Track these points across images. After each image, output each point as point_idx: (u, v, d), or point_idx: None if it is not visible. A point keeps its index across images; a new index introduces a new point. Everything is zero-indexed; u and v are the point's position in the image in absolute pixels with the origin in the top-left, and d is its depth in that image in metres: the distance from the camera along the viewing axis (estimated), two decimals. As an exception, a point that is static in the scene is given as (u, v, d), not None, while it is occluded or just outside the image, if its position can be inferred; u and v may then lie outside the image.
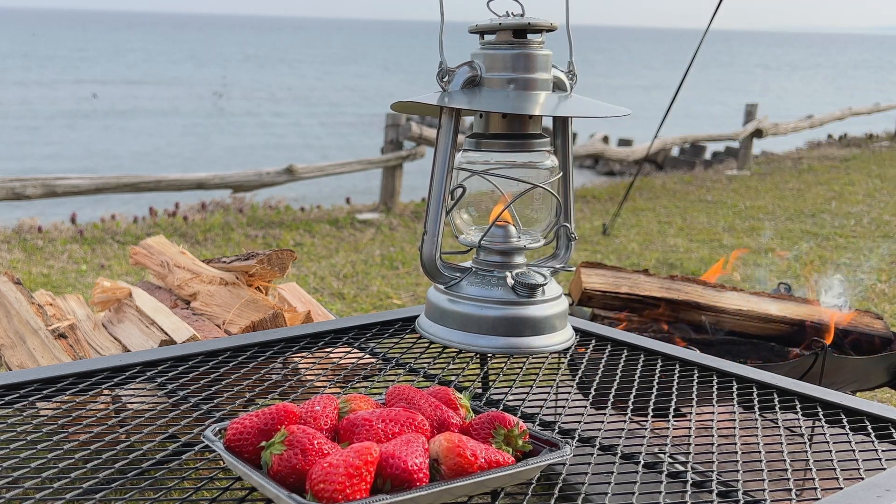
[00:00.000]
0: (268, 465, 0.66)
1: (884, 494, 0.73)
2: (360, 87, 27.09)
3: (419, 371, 1.05)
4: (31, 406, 0.93)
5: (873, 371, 2.21)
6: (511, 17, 0.97)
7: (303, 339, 1.13)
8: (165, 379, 1.00)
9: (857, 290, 4.44)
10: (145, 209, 6.07)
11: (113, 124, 15.87)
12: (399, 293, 4.31)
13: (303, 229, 5.69)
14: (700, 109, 19.76)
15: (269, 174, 5.92)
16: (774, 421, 0.94)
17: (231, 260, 2.34)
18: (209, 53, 46.90)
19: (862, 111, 11.23)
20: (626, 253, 5.05)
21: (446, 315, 1.02)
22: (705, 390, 1.02)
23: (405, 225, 5.96)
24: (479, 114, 1.02)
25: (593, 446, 0.87)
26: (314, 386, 1.01)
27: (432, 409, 0.75)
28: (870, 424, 0.93)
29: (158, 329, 2.04)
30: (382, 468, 0.65)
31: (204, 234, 5.40)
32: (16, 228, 5.43)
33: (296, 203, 6.63)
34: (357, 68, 37.66)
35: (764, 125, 8.98)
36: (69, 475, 0.74)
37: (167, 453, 0.83)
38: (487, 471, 0.68)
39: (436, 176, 0.98)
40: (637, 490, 0.75)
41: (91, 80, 25.81)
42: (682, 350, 1.15)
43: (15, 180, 5.04)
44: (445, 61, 0.96)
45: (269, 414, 0.70)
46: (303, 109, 19.90)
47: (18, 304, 2.24)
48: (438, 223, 0.98)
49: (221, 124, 16.58)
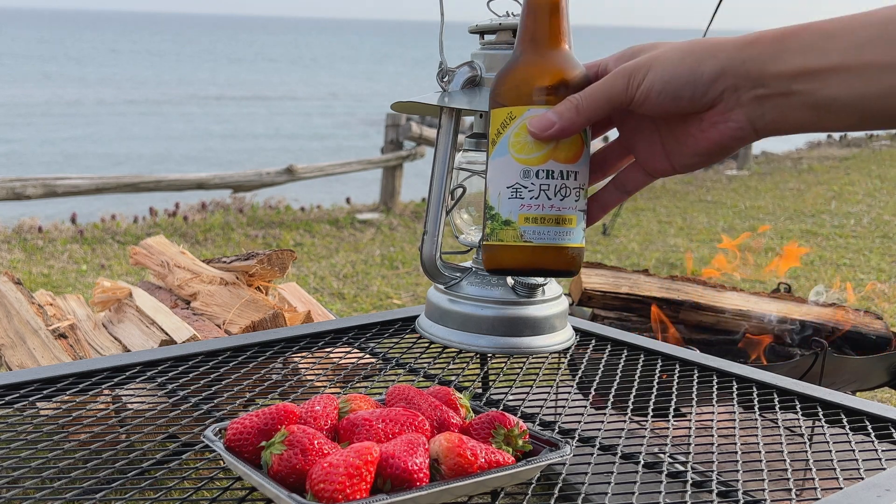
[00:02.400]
0: (268, 465, 0.66)
1: (884, 494, 0.74)
2: (359, 86, 27.08)
3: (419, 371, 1.05)
4: (31, 406, 0.93)
5: (873, 371, 2.21)
6: (511, 17, 0.97)
7: (303, 339, 1.13)
8: (165, 379, 1.00)
9: (857, 289, 4.44)
10: (145, 209, 6.07)
11: (113, 124, 15.87)
12: (399, 293, 4.31)
13: (303, 229, 5.69)
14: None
15: (269, 174, 5.92)
16: (774, 421, 0.94)
17: (231, 260, 2.34)
18: (209, 53, 46.91)
19: (862, 111, 11.21)
20: (626, 253, 5.05)
21: (446, 315, 1.02)
22: (705, 390, 1.02)
23: (405, 225, 5.97)
24: (479, 114, 1.02)
25: (593, 446, 0.87)
26: (314, 386, 1.02)
27: (432, 409, 0.75)
28: (870, 424, 0.93)
29: (158, 329, 2.04)
30: (382, 468, 0.65)
31: (204, 234, 5.40)
32: (16, 228, 5.43)
33: (296, 203, 6.63)
34: (357, 68, 37.66)
35: (764, 125, 8.97)
36: (69, 475, 0.74)
37: (167, 453, 0.83)
38: (487, 471, 0.68)
39: (436, 176, 0.98)
40: (637, 490, 0.75)
41: (95, 80, 25.81)
42: (682, 350, 1.15)
43: (15, 180, 5.05)
44: (445, 61, 0.96)
45: (269, 414, 0.70)
46: (303, 109, 19.90)
47: (19, 304, 2.24)
48: (438, 223, 0.98)
49: (221, 124, 16.58)
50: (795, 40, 0.60)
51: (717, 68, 0.63)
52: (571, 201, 0.73)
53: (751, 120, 0.64)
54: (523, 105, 0.72)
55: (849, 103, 0.59)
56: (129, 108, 18.78)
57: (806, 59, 0.60)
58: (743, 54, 0.62)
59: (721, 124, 0.65)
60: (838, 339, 2.26)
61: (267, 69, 34.97)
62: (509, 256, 0.73)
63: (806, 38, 0.60)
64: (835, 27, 0.60)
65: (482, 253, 0.77)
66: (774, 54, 0.61)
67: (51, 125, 15.36)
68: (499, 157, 0.73)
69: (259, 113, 18.93)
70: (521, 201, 0.72)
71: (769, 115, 0.63)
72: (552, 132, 0.69)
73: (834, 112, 0.60)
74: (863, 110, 0.59)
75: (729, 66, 0.62)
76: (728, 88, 0.63)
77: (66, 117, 16.60)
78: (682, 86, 0.64)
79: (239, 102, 21.11)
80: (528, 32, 0.74)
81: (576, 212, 0.73)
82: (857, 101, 0.59)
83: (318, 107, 20.64)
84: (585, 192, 0.74)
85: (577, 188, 0.73)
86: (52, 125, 15.35)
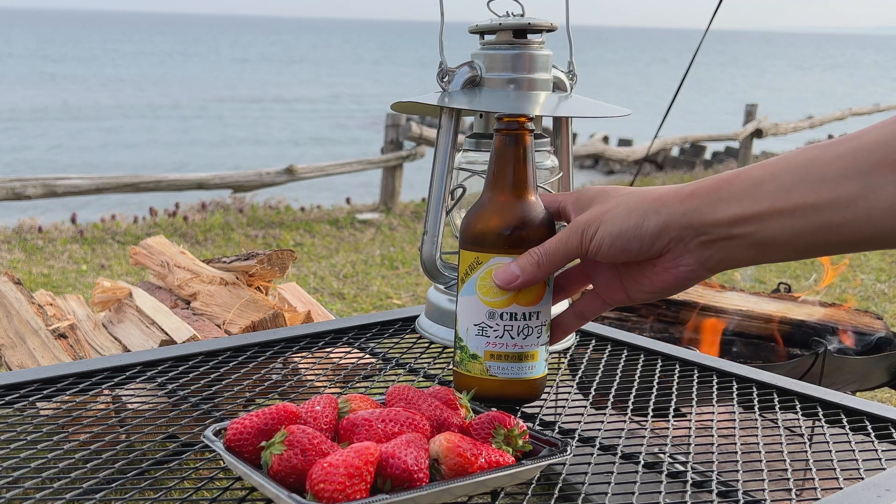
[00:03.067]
0: (268, 465, 0.66)
1: (884, 494, 0.73)
2: (359, 86, 27.08)
3: (419, 371, 1.05)
4: (31, 406, 0.93)
5: (873, 371, 2.21)
6: (511, 18, 0.97)
7: (303, 339, 1.13)
8: (165, 379, 1.00)
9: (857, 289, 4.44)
10: (145, 209, 6.07)
11: (114, 124, 15.86)
12: (399, 293, 4.31)
13: (303, 229, 5.69)
14: (700, 109, 19.75)
15: (269, 174, 5.92)
16: (774, 421, 0.94)
17: (231, 260, 2.34)
18: (209, 54, 46.88)
19: (862, 111, 11.23)
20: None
21: (446, 315, 1.02)
22: (705, 390, 1.02)
23: (405, 225, 5.97)
24: (479, 114, 1.02)
25: (593, 446, 0.87)
26: (314, 386, 1.01)
27: (432, 409, 0.75)
28: (870, 424, 0.93)
29: (158, 329, 2.04)
30: (382, 468, 0.65)
31: (204, 234, 5.40)
32: (16, 228, 5.43)
33: (296, 203, 6.62)
34: (357, 68, 37.65)
35: (764, 125, 8.98)
36: (69, 475, 0.74)
37: (167, 453, 0.83)
38: (487, 471, 0.68)
39: (436, 176, 0.98)
40: (637, 490, 0.75)
41: (98, 79, 25.80)
42: (682, 350, 1.15)
43: (15, 180, 5.05)
44: (445, 61, 0.96)
45: (269, 414, 0.70)
46: (303, 109, 19.89)
47: (19, 304, 2.24)
48: (438, 223, 0.98)
49: (221, 124, 16.57)
50: (728, 190, 0.66)
51: (661, 223, 0.68)
52: (534, 339, 0.80)
53: (700, 262, 0.69)
54: (488, 253, 0.79)
55: (788, 241, 0.63)
56: (129, 107, 18.77)
57: (741, 206, 0.65)
58: (683, 207, 0.67)
59: (673, 269, 0.70)
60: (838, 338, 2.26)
61: (267, 69, 34.96)
62: (477, 386, 0.81)
63: (738, 187, 0.65)
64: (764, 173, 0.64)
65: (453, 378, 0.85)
66: (712, 204, 0.66)
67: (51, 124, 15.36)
68: (467, 296, 0.80)
69: (259, 113, 18.93)
70: (487, 339, 0.80)
71: (717, 256, 0.68)
72: (516, 285, 0.77)
73: (775, 248, 0.65)
74: (801, 245, 0.63)
75: (671, 221, 0.68)
76: (673, 239, 0.68)
77: (66, 117, 16.59)
78: (629, 240, 0.70)
79: (239, 103, 21.10)
80: (495, 177, 0.80)
81: (538, 347, 0.81)
82: (794, 238, 0.63)
83: (319, 107, 20.64)
84: (548, 326, 0.82)
85: (540, 326, 0.80)
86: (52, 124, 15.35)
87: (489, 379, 0.80)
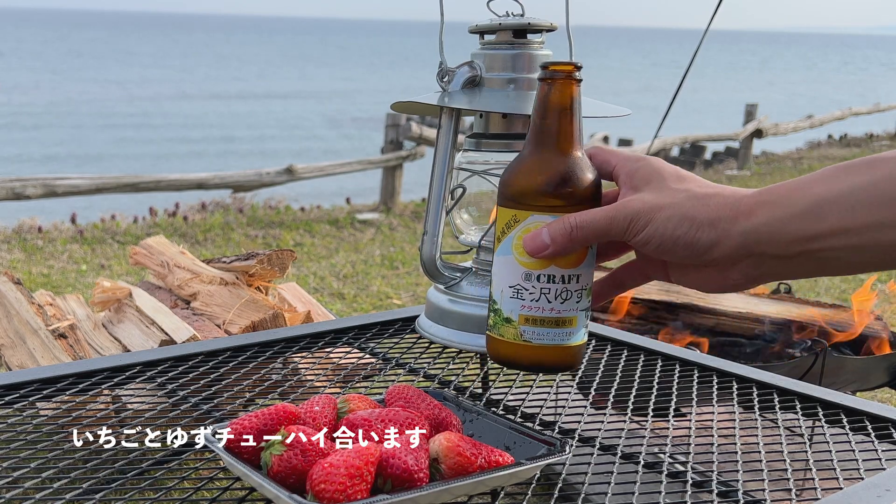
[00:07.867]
0: (268, 465, 0.66)
1: (884, 494, 0.74)
2: (359, 86, 27.08)
3: (419, 371, 1.05)
4: (31, 406, 0.93)
5: (873, 371, 2.21)
6: (511, 17, 0.97)
7: (303, 339, 1.13)
8: (165, 379, 1.00)
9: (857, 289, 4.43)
10: (145, 209, 6.07)
11: (114, 124, 15.86)
12: (399, 293, 4.31)
13: (303, 229, 5.69)
14: (700, 109, 19.76)
15: (269, 174, 5.92)
16: (774, 421, 0.94)
17: (231, 260, 2.34)
18: (208, 54, 46.90)
19: (862, 111, 11.23)
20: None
21: (446, 315, 1.02)
22: (705, 390, 1.02)
23: (405, 225, 5.97)
24: (479, 114, 1.02)
25: (593, 446, 0.87)
26: (314, 386, 1.01)
27: (431, 409, 0.75)
28: (870, 424, 0.93)
29: (158, 329, 2.04)
30: (382, 468, 0.65)
31: (204, 234, 5.41)
32: (16, 228, 5.43)
33: (296, 203, 6.62)
34: (357, 68, 37.66)
35: (764, 125, 8.98)
36: (69, 475, 0.74)
37: (167, 453, 0.83)
38: (487, 470, 0.68)
39: (436, 176, 0.98)
40: (637, 490, 0.75)
41: (99, 80, 25.81)
42: (682, 350, 1.15)
43: (15, 180, 5.05)
44: (445, 61, 0.96)
45: (269, 414, 0.70)
46: (303, 109, 19.89)
47: (18, 304, 2.24)
48: (438, 223, 0.98)
49: (221, 124, 16.57)
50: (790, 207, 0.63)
51: (714, 239, 0.66)
52: (573, 303, 0.74)
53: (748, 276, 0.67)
54: (527, 210, 0.72)
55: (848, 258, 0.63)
56: (129, 107, 18.77)
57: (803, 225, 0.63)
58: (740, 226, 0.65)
59: (717, 276, 0.69)
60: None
61: (267, 69, 34.95)
62: (510, 352, 0.75)
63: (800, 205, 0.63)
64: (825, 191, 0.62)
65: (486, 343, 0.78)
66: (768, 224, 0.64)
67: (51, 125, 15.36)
68: (503, 255, 0.74)
69: (259, 113, 18.93)
70: (522, 302, 0.74)
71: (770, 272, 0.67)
72: (545, 255, 0.71)
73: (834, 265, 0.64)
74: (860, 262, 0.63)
75: (726, 239, 0.65)
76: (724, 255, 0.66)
77: (66, 117, 16.59)
78: (678, 247, 0.67)
79: (239, 102, 21.10)
80: (537, 131, 0.74)
81: (577, 312, 0.75)
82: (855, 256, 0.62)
83: (319, 106, 20.64)
84: (588, 291, 0.75)
85: (580, 290, 0.74)
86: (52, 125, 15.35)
87: (522, 344, 0.74)
